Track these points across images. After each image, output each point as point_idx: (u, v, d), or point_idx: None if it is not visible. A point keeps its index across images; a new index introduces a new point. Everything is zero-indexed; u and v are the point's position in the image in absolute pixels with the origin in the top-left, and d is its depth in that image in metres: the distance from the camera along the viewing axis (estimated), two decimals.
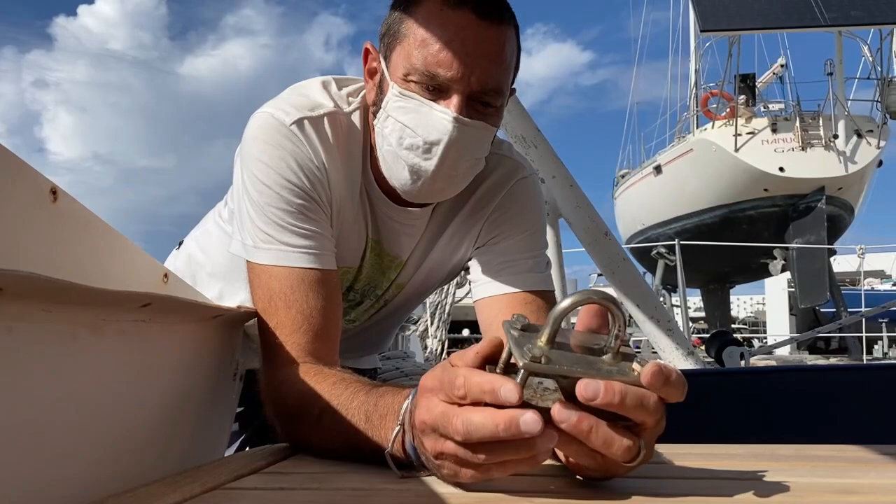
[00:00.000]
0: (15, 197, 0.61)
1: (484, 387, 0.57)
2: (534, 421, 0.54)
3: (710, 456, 0.80)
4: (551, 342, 0.58)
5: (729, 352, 5.65)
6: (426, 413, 0.62)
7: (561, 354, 0.58)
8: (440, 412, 0.60)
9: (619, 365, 0.58)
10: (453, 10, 0.94)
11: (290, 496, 0.66)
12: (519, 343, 0.58)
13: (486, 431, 0.56)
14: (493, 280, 1.11)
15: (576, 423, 0.55)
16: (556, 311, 0.57)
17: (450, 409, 0.59)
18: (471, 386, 0.58)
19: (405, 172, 0.99)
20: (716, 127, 14.07)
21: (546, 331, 0.58)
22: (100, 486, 0.67)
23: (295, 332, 0.94)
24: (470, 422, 0.57)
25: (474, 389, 0.58)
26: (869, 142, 12.89)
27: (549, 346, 0.58)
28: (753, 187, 13.15)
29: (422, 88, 0.95)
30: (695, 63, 17.49)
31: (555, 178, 2.65)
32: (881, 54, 12.96)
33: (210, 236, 1.33)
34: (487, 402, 0.57)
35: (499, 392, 0.56)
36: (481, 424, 0.56)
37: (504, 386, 0.56)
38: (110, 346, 0.70)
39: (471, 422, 0.57)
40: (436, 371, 0.64)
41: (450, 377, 0.60)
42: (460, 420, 0.57)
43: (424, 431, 0.63)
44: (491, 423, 0.55)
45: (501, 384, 0.56)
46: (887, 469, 0.71)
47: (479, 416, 0.56)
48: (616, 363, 0.58)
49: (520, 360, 0.56)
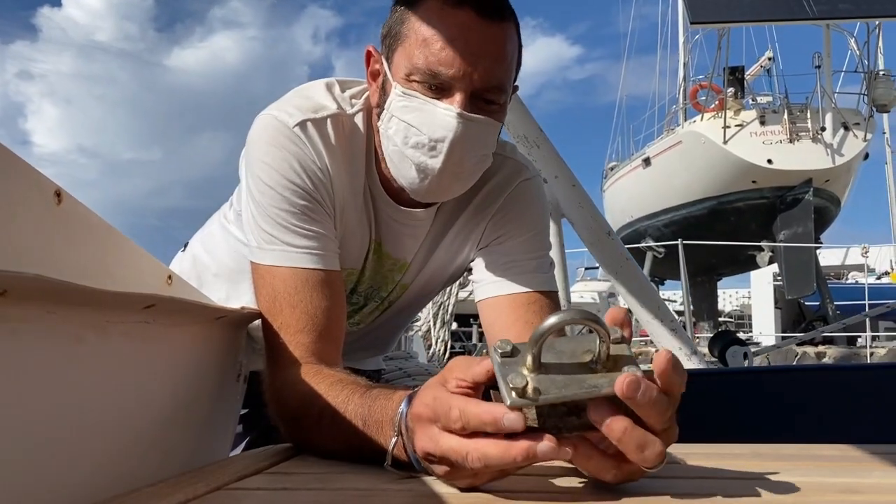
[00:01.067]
0: (19, 199, 0.61)
1: (484, 418, 0.57)
2: (550, 448, 0.55)
3: (714, 455, 0.80)
4: (537, 367, 0.58)
5: (732, 351, 5.66)
6: (430, 444, 0.62)
7: (548, 380, 0.57)
8: (448, 447, 0.60)
9: (609, 376, 0.58)
10: (454, 9, 0.94)
11: (294, 496, 0.66)
12: (504, 374, 0.58)
13: (504, 463, 0.56)
14: (497, 281, 1.12)
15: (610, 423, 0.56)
16: (536, 333, 0.57)
17: (461, 445, 0.59)
18: (469, 418, 0.58)
19: (412, 171, 0.99)
20: (705, 119, 14.14)
21: (528, 357, 0.58)
22: (104, 486, 0.67)
23: (299, 333, 0.94)
24: (486, 456, 0.57)
25: (473, 421, 0.58)
26: (856, 134, 12.99)
27: (536, 370, 0.57)
28: (742, 179, 13.23)
29: (425, 87, 0.95)
30: (683, 56, 17.57)
31: (557, 178, 2.65)
32: (868, 48, 13.05)
33: (215, 238, 1.33)
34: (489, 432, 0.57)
35: (502, 423, 0.56)
36: (498, 458, 0.56)
37: (506, 416, 0.56)
38: (115, 348, 0.70)
39: (487, 456, 0.57)
40: (426, 397, 0.63)
41: (443, 408, 0.60)
42: (476, 456, 0.57)
43: (430, 460, 0.63)
44: (509, 457, 0.56)
45: (503, 413, 0.56)
46: (892, 469, 0.72)
47: (495, 450, 0.56)
48: (606, 374, 0.58)
49: (506, 399, 0.56)
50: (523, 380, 0.56)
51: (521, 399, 0.56)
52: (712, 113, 14.03)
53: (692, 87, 16.07)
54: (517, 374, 0.57)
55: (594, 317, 0.58)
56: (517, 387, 0.56)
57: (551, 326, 0.57)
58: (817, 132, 12.87)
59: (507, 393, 0.56)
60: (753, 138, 13.20)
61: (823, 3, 9.56)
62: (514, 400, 0.56)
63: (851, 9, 9.80)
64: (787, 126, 13.01)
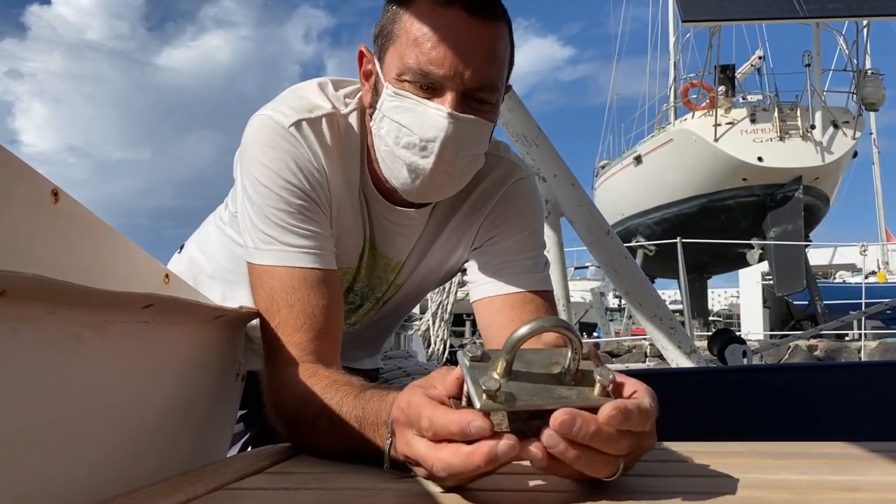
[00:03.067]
0: (17, 198, 0.61)
1: (451, 428, 0.57)
2: (510, 447, 0.55)
3: (714, 454, 0.80)
4: (508, 373, 0.58)
5: (731, 350, 5.67)
6: (406, 448, 0.63)
7: (518, 387, 0.57)
8: (420, 453, 0.60)
9: (578, 389, 0.58)
10: (444, 9, 0.94)
11: (294, 496, 0.66)
12: (475, 378, 0.58)
13: (468, 471, 0.57)
14: (492, 281, 1.11)
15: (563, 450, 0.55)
16: (511, 340, 0.57)
17: (428, 453, 0.59)
18: (437, 428, 0.58)
19: (404, 171, 0.99)
20: (696, 117, 14.16)
21: (500, 362, 0.58)
22: (104, 486, 0.67)
23: (296, 332, 0.94)
24: (450, 466, 0.57)
25: (441, 432, 0.58)
26: (845, 133, 13.05)
27: (507, 376, 0.58)
28: (732, 177, 13.27)
29: (416, 87, 0.95)
30: (674, 55, 17.59)
31: (556, 177, 2.65)
32: (857, 47, 13.11)
33: (210, 239, 1.32)
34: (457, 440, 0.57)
35: (468, 430, 0.56)
36: (461, 466, 0.56)
37: (472, 423, 0.56)
38: (113, 347, 0.70)
39: (451, 466, 0.57)
40: (402, 401, 0.64)
41: (415, 415, 0.60)
42: (440, 466, 0.58)
43: (410, 462, 0.64)
44: (471, 465, 0.56)
45: (469, 421, 0.56)
46: (891, 466, 0.72)
47: (457, 460, 0.57)
48: (575, 387, 0.58)
49: (476, 403, 0.56)
50: (496, 384, 0.56)
51: (491, 403, 0.56)
52: (703, 111, 14.07)
53: (683, 86, 16.09)
54: (488, 377, 0.57)
55: (568, 326, 0.58)
56: (490, 390, 0.56)
57: (526, 334, 0.57)
58: (807, 130, 12.92)
59: (476, 396, 0.56)
60: (744, 136, 13.24)
61: (813, 2, 9.60)
62: (485, 403, 0.56)
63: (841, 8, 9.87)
64: (777, 124, 13.06)
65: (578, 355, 0.59)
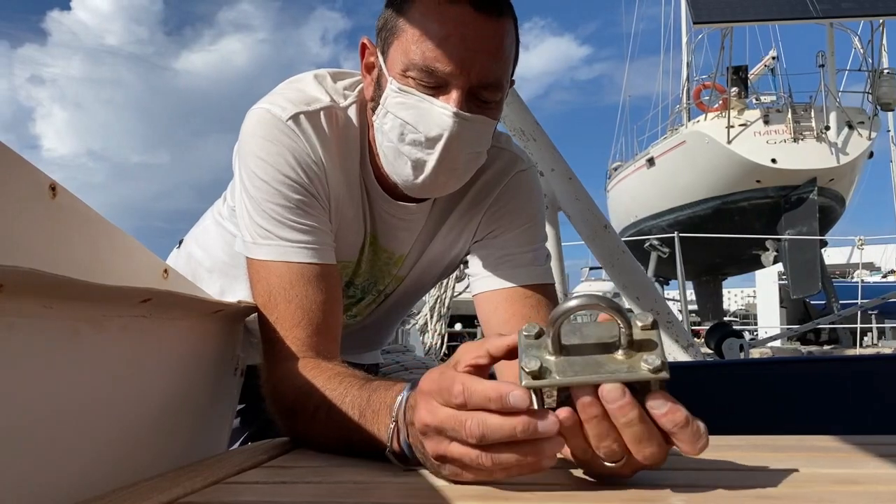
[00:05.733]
0: (14, 193, 0.61)
1: (489, 394, 0.57)
2: (552, 422, 0.55)
3: (711, 447, 0.78)
4: (557, 349, 0.58)
5: (728, 343, 5.66)
6: (429, 416, 0.61)
7: (566, 362, 0.57)
8: (447, 415, 0.59)
9: (631, 361, 0.57)
10: (451, 4, 0.93)
11: (292, 490, 0.66)
12: (528, 354, 0.58)
13: (503, 433, 0.56)
14: (493, 274, 1.11)
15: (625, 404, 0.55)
16: (553, 316, 0.57)
17: (459, 413, 0.58)
18: (472, 393, 0.57)
19: (407, 168, 0.99)
20: (708, 119, 14.08)
21: (548, 339, 0.58)
22: (101, 480, 0.67)
23: (295, 327, 0.94)
24: (486, 424, 0.56)
25: (476, 397, 0.57)
26: (860, 133, 12.94)
27: (557, 353, 0.58)
28: (746, 179, 13.19)
29: (420, 84, 0.94)
30: (686, 56, 17.51)
31: (554, 172, 2.64)
32: (872, 46, 13.00)
33: (209, 234, 1.32)
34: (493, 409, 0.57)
35: (506, 399, 0.55)
36: (498, 427, 0.56)
37: (512, 392, 0.55)
38: (111, 342, 0.70)
39: (486, 424, 0.56)
40: (434, 374, 0.63)
41: (447, 382, 0.60)
42: (475, 422, 0.57)
43: (426, 433, 0.62)
44: (508, 425, 0.55)
45: (509, 390, 0.56)
46: (887, 459, 0.71)
47: (495, 419, 0.56)
48: (628, 359, 0.58)
49: (522, 380, 0.56)
50: (538, 362, 0.56)
51: (534, 381, 0.56)
52: (716, 113, 13.98)
53: (696, 87, 16.02)
54: (534, 356, 0.57)
55: (612, 302, 0.58)
56: (532, 369, 0.56)
57: (567, 311, 0.57)
58: (821, 131, 12.82)
59: (521, 374, 0.56)
60: (757, 138, 13.16)
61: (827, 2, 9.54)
62: (529, 382, 0.56)
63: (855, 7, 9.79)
64: (790, 125, 12.96)
65: (627, 330, 0.58)
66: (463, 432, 0.58)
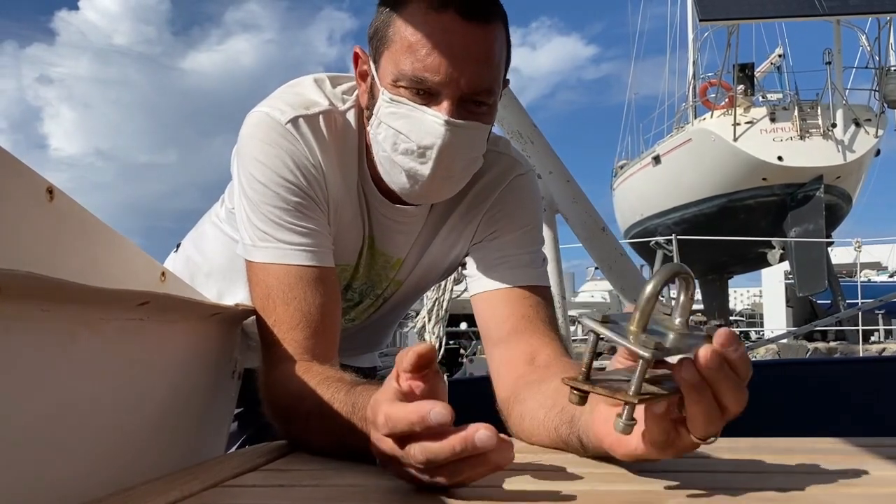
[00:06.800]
0: (11, 196, 0.61)
1: (411, 418, 0.57)
2: (488, 437, 0.55)
3: (711, 449, 0.79)
4: (644, 327, 0.58)
5: None
6: (379, 444, 0.62)
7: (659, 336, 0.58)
8: (390, 446, 0.60)
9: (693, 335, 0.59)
10: (438, 13, 0.93)
11: (289, 493, 0.67)
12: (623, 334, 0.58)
13: (445, 456, 0.56)
14: (490, 275, 1.11)
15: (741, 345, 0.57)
16: (647, 293, 0.58)
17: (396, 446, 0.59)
18: (395, 422, 0.58)
19: (402, 177, 0.99)
20: (714, 116, 14.07)
21: (637, 317, 0.58)
22: (99, 484, 0.67)
23: (293, 330, 0.94)
24: (427, 450, 0.57)
25: (400, 425, 0.58)
26: (867, 131, 12.91)
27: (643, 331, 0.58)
28: (752, 176, 13.17)
29: (412, 94, 0.94)
30: (693, 54, 17.46)
31: (552, 174, 2.63)
32: (879, 43, 12.97)
33: (206, 237, 1.32)
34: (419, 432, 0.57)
35: (428, 419, 0.56)
36: (439, 450, 0.56)
37: (432, 410, 0.56)
38: (109, 345, 0.70)
39: (428, 450, 0.57)
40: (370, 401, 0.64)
41: (374, 414, 0.60)
42: (417, 450, 0.58)
43: (383, 460, 0.63)
44: (448, 448, 0.56)
45: (430, 408, 0.56)
46: (886, 462, 0.71)
47: (434, 445, 0.56)
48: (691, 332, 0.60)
49: (645, 353, 0.56)
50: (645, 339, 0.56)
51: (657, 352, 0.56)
52: (722, 110, 13.97)
53: (702, 85, 15.98)
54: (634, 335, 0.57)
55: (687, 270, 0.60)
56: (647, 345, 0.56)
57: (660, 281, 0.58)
58: (828, 129, 12.80)
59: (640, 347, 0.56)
60: (763, 135, 13.14)
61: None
62: (655, 353, 0.56)
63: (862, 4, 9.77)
64: (797, 123, 12.95)
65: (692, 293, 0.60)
66: (410, 459, 0.58)
